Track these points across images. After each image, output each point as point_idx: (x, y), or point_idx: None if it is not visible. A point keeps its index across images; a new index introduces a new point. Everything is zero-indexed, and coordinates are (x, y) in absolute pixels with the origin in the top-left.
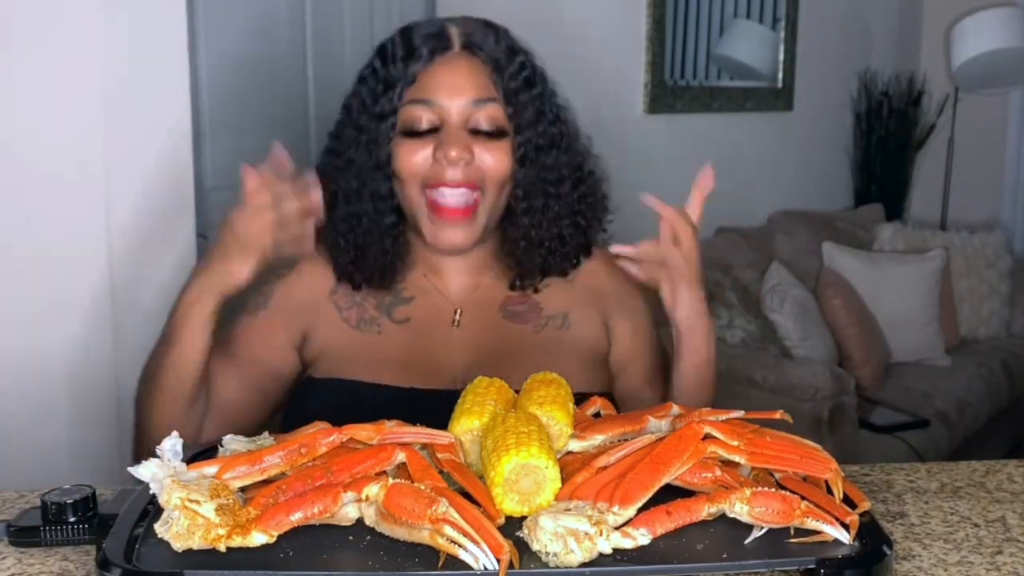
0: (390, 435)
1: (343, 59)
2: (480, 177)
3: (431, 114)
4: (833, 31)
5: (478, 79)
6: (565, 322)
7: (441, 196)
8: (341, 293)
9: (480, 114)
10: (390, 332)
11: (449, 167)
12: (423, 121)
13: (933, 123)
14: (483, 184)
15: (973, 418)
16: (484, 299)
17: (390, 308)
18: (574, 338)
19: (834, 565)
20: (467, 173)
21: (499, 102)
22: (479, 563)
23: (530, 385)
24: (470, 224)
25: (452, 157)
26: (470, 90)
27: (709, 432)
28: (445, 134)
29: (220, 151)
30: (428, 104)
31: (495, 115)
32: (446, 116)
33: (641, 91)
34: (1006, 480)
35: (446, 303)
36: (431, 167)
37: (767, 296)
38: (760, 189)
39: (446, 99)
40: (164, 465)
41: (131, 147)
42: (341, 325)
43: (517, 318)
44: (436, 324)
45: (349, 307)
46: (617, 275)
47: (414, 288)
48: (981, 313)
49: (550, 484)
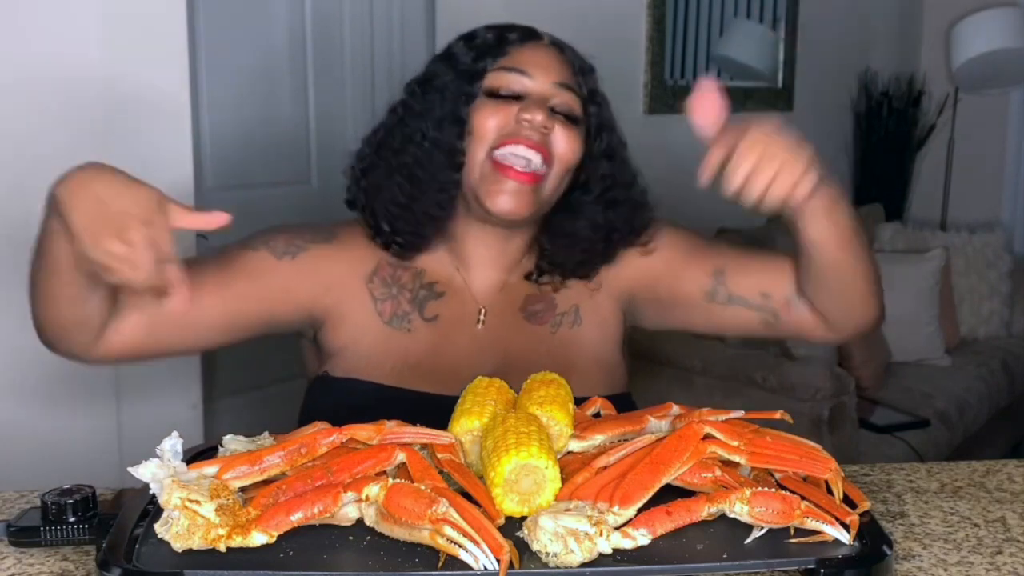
0: (390, 435)
1: (343, 58)
2: (550, 148)
3: (518, 82)
4: (833, 31)
5: (565, 68)
6: (577, 317)
7: (512, 154)
8: (377, 281)
9: (562, 97)
10: (419, 332)
11: (529, 129)
12: (510, 86)
13: (933, 123)
14: (552, 160)
15: (973, 418)
16: (508, 299)
17: (423, 303)
18: (586, 333)
19: (834, 565)
20: (543, 140)
21: (578, 95)
22: (479, 563)
23: (530, 385)
24: (531, 192)
25: (537, 120)
26: (557, 72)
27: (709, 432)
28: (530, 101)
29: (220, 151)
30: (519, 72)
31: (574, 104)
32: (531, 87)
33: (641, 91)
34: (1006, 480)
35: (472, 302)
36: (510, 126)
37: None
38: None
39: (536, 72)
40: (164, 465)
41: (131, 147)
42: (375, 319)
43: (535, 318)
44: (462, 324)
45: (384, 298)
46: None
47: (445, 283)
48: (981, 313)
49: (550, 484)
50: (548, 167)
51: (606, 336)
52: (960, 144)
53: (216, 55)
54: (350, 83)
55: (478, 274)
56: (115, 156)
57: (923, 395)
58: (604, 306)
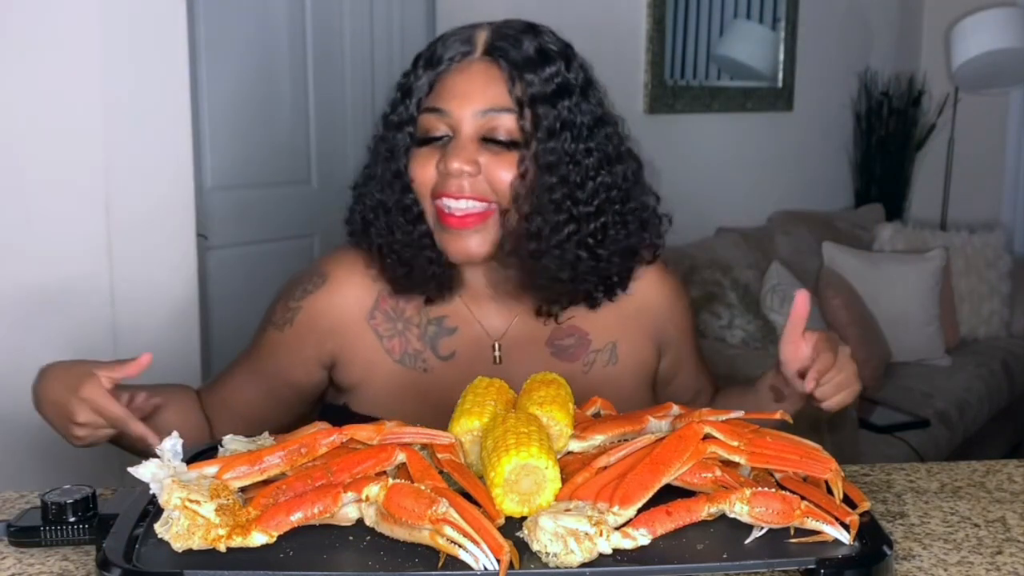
0: (390, 435)
1: (343, 59)
2: (488, 189)
3: (443, 123)
4: (833, 31)
5: (493, 88)
6: (613, 355)
7: (446, 206)
8: (380, 317)
9: (492, 124)
10: (437, 371)
11: (452, 178)
12: (436, 129)
13: (933, 123)
14: (494, 196)
15: (973, 418)
16: (527, 332)
17: (435, 340)
18: (622, 372)
19: (834, 565)
20: (473, 185)
21: (513, 112)
22: (479, 563)
23: (530, 385)
24: (480, 232)
25: (453, 169)
26: (481, 99)
27: (709, 432)
28: (452, 145)
29: (220, 151)
30: (440, 113)
31: (508, 126)
32: (456, 125)
33: (641, 91)
34: (1006, 480)
35: (485, 336)
36: (435, 176)
37: (767, 296)
38: (760, 189)
39: (457, 108)
40: (164, 465)
41: (131, 147)
42: (384, 357)
43: (565, 354)
44: (479, 361)
45: (391, 335)
46: (666, 289)
47: (456, 317)
48: (981, 313)
49: (550, 484)
50: (494, 202)
51: (641, 377)
52: (960, 144)
53: (216, 55)
54: (350, 83)
55: (485, 306)
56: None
57: (923, 395)
58: (642, 341)
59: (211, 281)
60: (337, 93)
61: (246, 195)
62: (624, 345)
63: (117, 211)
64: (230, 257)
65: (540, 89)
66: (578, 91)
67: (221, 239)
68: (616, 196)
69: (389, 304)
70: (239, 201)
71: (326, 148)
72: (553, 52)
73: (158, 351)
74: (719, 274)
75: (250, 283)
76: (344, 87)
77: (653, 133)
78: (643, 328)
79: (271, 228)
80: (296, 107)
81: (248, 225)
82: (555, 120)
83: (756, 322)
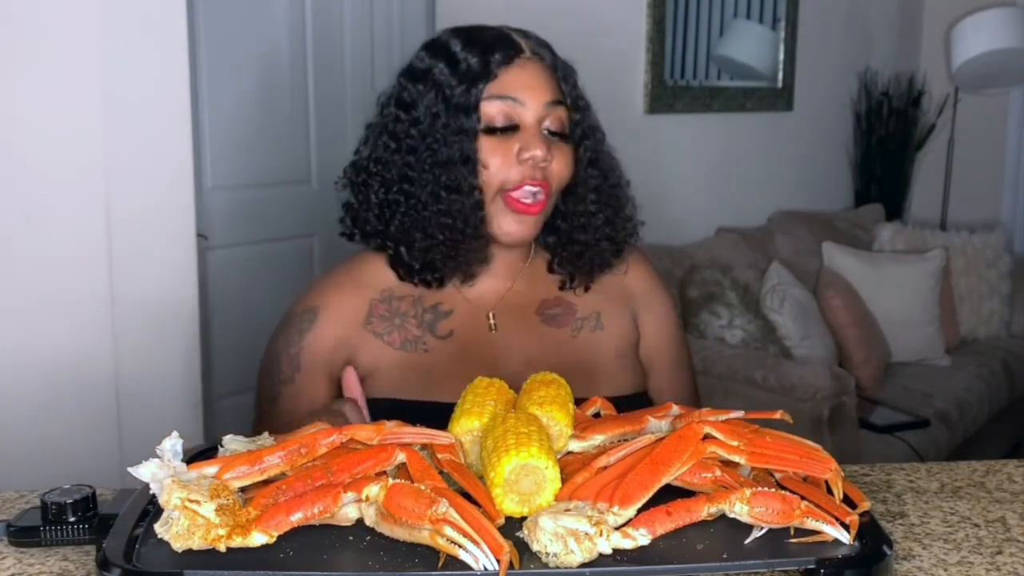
0: (390, 435)
1: (343, 59)
2: (551, 178)
3: (513, 112)
4: (833, 31)
5: (551, 82)
6: (598, 323)
7: (522, 193)
8: (376, 321)
9: (552, 116)
10: (436, 349)
11: (533, 167)
12: (503, 117)
13: (933, 123)
14: (554, 184)
15: (973, 418)
16: (518, 303)
17: (432, 325)
18: (608, 338)
19: (834, 565)
20: (546, 172)
21: (566, 107)
22: (479, 563)
23: (530, 385)
24: (538, 220)
25: (539, 157)
26: (546, 91)
27: (709, 432)
28: (527, 134)
29: (220, 151)
30: (513, 101)
31: (563, 119)
32: (525, 115)
33: (641, 91)
34: (1006, 480)
35: (480, 310)
36: (513, 166)
37: (767, 296)
38: (760, 189)
39: (531, 98)
40: (164, 465)
41: (131, 147)
42: (385, 349)
43: (554, 321)
44: (477, 333)
45: (389, 331)
46: (643, 273)
47: (450, 301)
48: (981, 313)
49: (550, 484)
50: (549, 192)
51: (625, 340)
52: (960, 144)
53: (216, 55)
54: (350, 83)
55: (480, 286)
56: (115, 156)
57: (923, 395)
58: (622, 314)
59: (211, 281)
60: (337, 93)
61: (246, 195)
62: (607, 315)
63: (117, 211)
64: (230, 257)
65: (577, 90)
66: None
67: (221, 239)
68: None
69: (383, 307)
70: (239, 201)
71: (326, 148)
72: (568, 67)
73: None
74: (719, 274)
75: (250, 283)
76: (344, 87)
77: (653, 133)
78: (622, 304)
79: (271, 228)
80: (296, 107)
81: (248, 225)
82: (590, 119)
83: (756, 322)
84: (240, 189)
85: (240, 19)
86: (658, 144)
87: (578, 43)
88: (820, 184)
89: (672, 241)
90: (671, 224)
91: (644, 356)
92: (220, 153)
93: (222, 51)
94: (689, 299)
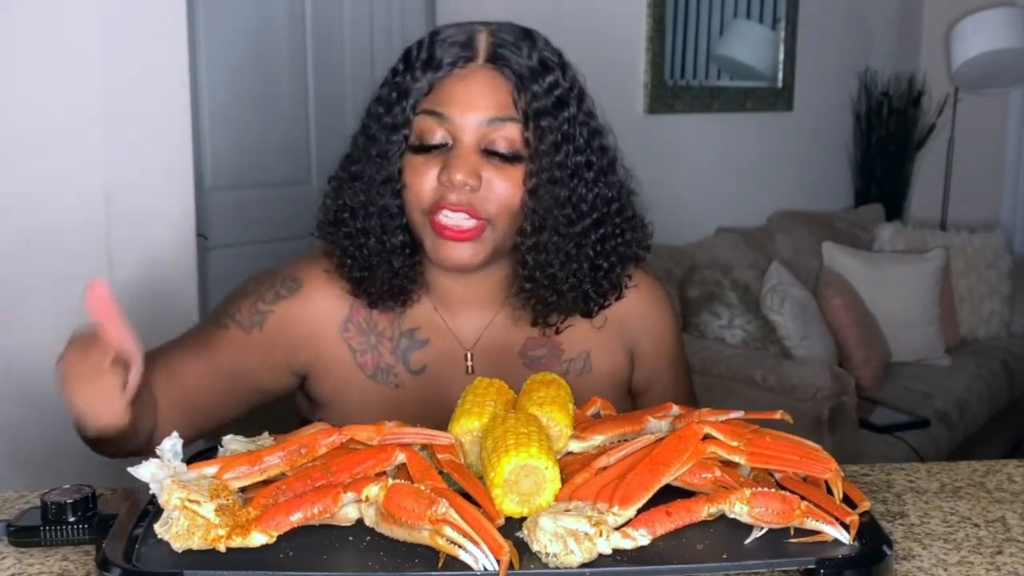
0: (390, 435)
1: (343, 59)
2: (486, 205)
3: (443, 129)
4: (833, 31)
5: (498, 96)
6: (587, 364)
7: (444, 217)
8: (353, 330)
9: (496, 135)
10: (408, 385)
11: (454, 191)
12: (435, 135)
13: (933, 123)
14: (489, 213)
15: (973, 418)
16: (500, 342)
17: (406, 353)
18: (596, 380)
19: (834, 565)
20: (473, 199)
21: (518, 123)
22: (479, 564)
23: (530, 386)
24: (475, 244)
25: (456, 181)
26: (487, 107)
27: (709, 432)
28: (453, 154)
29: (220, 151)
30: (440, 118)
31: (512, 137)
32: (458, 133)
33: (641, 91)
34: (1006, 480)
35: (458, 347)
36: (436, 188)
37: (767, 296)
38: (760, 189)
39: (460, 114)
40: (164, 465)
41: (131, 147)
42: (356, 373)
43: (537, 364)
44: (452, 372)
45: (364, 350)
46: (643, 298)
47: (427, 328)
48: (981, 313)
49: (550, 485)
50: (488, 219)
51: (616, 379)
52: (960, 144)
53: (216, 55)
54: (350, 82)
55: (460, 316)
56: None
57: (923, 395)
58: (614, 350)
59: (211, 281)
60: (337, 92)
61: (246, 195)
62: (597, 354)
63: (117, 211)
64: (230, 257)
65: (543, 101)
66: (575, 102)
67: (221, 239)
68: (614, 208)
69: (362, 316)
70: (239, 201)
71: (326, 148)
72: (552, 62)
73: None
74: (719, 274)
75: None
76: (344, 86)
77: (653, 133)
78: (616, 336)
79: (271, 228)
80: (296, 107)
81: (248, 225)
82: (558, 133)
83: (756, 322)
84: (240, 189)
85: (240, 19)
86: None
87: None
88: (820, 184)
89: (672, 241)
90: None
91: (640, 379)
92: (220, 153)
93: (222, 51)
94: (689, 299)
